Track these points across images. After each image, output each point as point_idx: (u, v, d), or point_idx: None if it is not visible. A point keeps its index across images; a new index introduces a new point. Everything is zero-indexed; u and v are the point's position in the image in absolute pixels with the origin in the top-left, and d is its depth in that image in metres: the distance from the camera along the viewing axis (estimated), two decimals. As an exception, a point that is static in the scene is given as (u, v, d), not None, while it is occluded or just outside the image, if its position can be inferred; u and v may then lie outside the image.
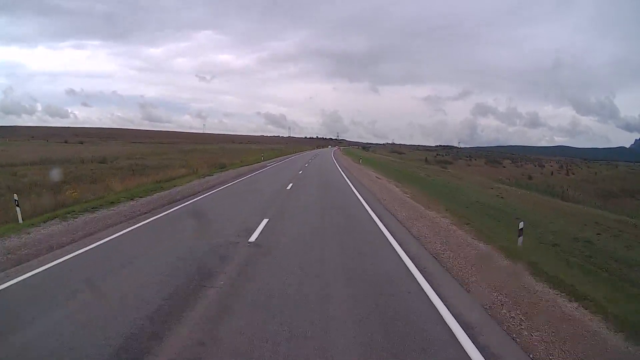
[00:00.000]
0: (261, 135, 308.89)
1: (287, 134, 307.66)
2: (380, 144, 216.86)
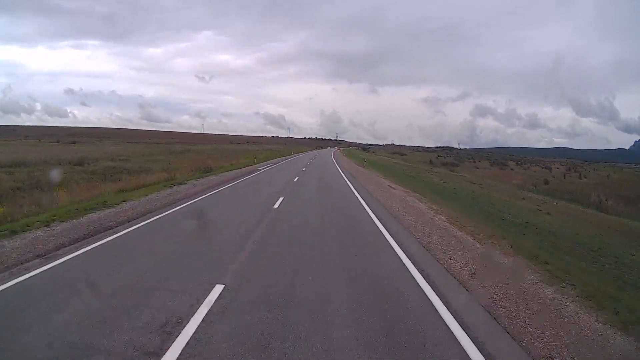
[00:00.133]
0: (260, 135, 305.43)
1: (286, 135, 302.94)
2: (380, 145, 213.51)
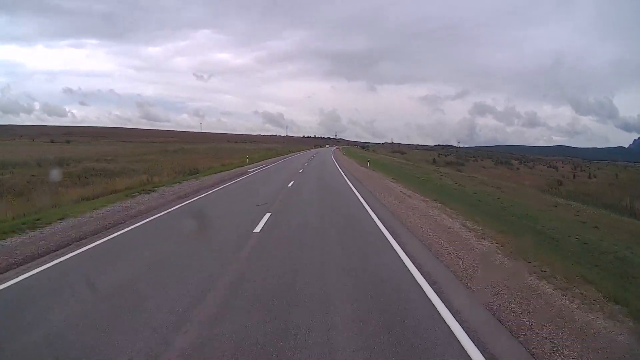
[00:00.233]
0: (258, 134, 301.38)
1: (285, 133, 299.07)
2: (379, 143, 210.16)
